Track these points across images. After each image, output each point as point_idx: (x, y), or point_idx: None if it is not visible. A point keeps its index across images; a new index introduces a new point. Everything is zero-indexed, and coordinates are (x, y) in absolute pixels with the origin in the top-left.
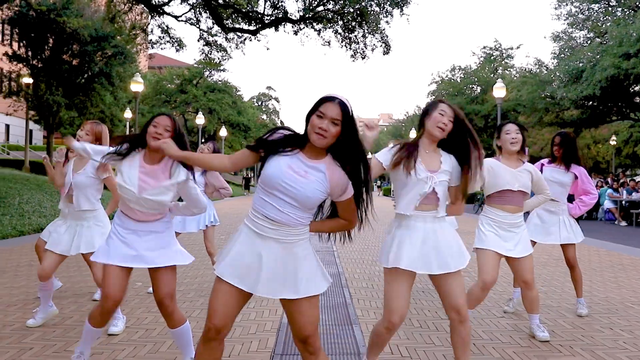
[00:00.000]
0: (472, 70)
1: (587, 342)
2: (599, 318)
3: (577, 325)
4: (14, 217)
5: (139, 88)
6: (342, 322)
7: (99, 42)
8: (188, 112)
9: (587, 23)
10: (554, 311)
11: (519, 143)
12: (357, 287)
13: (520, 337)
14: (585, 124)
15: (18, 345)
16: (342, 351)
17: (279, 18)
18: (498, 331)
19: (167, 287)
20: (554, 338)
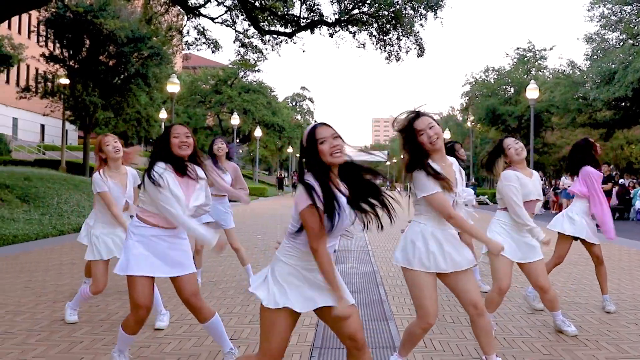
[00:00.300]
0: (505, 71)
1: (612, 337)
2: (625, 315)
3: (604, 321)
4: (53, 216)
5: (175, 89)
6: (378, 317)
7: (136, 43)
8: (223, 112)
9: (619, 25)
10: (582, 308)
11: (524, 149)
12: (391, 285)
13: (548, 332)
14: (618, 124)
15: (69, 339)
16: (378, 345)
17: (314, 21)
18: (527, 326)
19: (192, 287)
20: (581, 333)
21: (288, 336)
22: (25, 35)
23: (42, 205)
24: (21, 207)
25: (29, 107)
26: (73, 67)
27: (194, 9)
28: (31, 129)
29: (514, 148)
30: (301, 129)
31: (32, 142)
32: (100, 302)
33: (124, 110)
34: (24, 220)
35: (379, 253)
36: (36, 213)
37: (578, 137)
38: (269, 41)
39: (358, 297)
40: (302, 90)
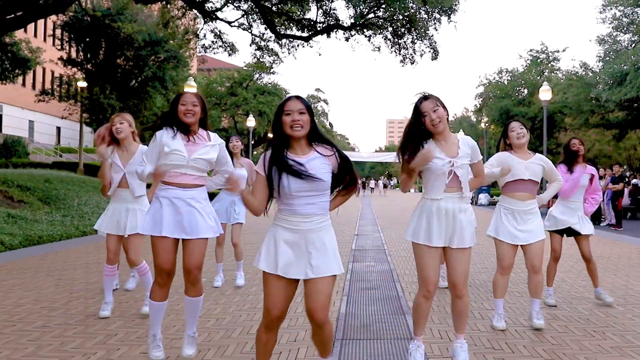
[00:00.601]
0: (518, 72)
1: (618, 329)
2: (632, 308)
3: (611, 315)
4: (74, 218)
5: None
6: (395, 312)
7: (152, 47)
8: (238, 114)
9: (631, 26)
10: (591, 302)
11: (525, 136)
12: (407, 282)
13: (558, 324)
14: (630, 125)
15: (104, 332)
16: (396, 336)
17: (330, 25)
18: None
19: (198, 257)
20: (589, 325)
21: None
22: (40, 38)
23: (63, 207)
24: (43, 209)
25: (45, 109)
26: (91, 70)
27: (211, 13)
28: (47, 131)
29: (516, 132)
30: None
31: (48, 145)
32: (129, 299)
33: (141, 113)
34: (47, 221)
35: (395, 252)
36: (58, 214)
37: (592, 138)
38: (286, 45)
39: (376, 293)
40: (317, 92)
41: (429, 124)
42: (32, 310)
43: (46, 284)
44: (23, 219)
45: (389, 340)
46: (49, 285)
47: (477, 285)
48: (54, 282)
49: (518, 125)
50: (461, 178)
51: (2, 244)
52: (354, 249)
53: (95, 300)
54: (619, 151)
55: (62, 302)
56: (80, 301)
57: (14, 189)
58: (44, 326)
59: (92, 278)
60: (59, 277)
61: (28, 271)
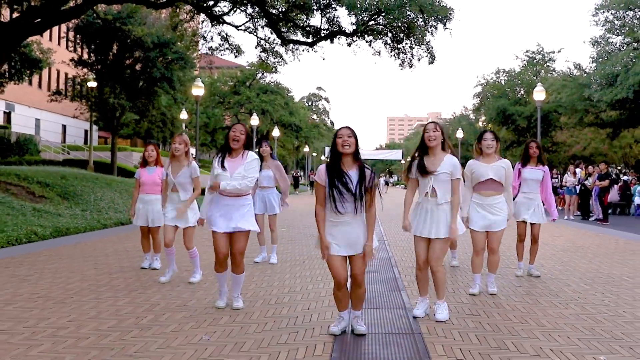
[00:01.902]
0: (515, 73)
1: (580, 301)
2: (596, 287)
3: (577, 291)
4: (93, 212)
5: (200, 92)
6: (392, 289)
7: (161, 49)
8: (241, 112)
9: (623, 29)
10: (563, 282)
11: (493, 147)
12: (403, 267)
13: (529, 298)
14: (623, 124)
15: (149, 302)
16: (393, 306)
17: (334, 31)
18: (514, 294)
19: (242, 245)
20: (556, 298)
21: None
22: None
23: (81, 202)
24: (63, 204)
25: (51, 108)
26: (101, 71)
27: (218, 17)
28: (53, 129)
29: (487, 143)
30: (317, 129)
31: (54, 143)
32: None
33: (150, 112)
34: (69, 215)
35: (394, 243)
36: (77, 209)
37: (587, 136)
38: (290, 49)
39: (375, 276)
40: (318, 91)
41: (426, 138)
42: (82, 287)
43: (86, 267)
44: (48, 212)
45: (386, 309)
46: (89, 268)
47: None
48: (92, 266)
49: (490, 137)
50: (437, 189)
51: (35, 235)
52: None
53: (132, 280)
54: (614, 149)
55: (106, 281)
56: (120, 280)
57: (34, 185)
58: (97, 298)
59: (125, 262)
60: (95, 262)
61: (66, 258)
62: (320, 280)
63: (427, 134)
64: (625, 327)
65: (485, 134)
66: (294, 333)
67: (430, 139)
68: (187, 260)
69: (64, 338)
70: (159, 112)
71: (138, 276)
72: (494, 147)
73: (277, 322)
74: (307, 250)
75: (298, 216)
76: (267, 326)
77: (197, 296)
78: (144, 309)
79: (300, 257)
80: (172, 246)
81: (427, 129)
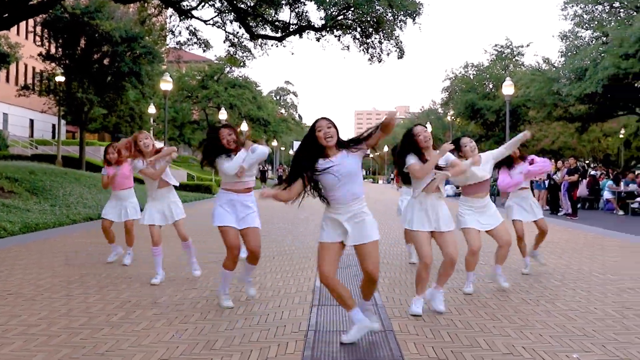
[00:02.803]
0: (484, 67)
1: (551, 298)
2: (567, 283)
3: (548, 287)
4: (62, 207)
5: (168, 87)
6: None
7: (129, 43)
8: (209, 107)
9: (592, 23)
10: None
11: (476, 149)
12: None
13: (500, 294)
14: (592, 118)
15: (120, 299)
16: None
17: (303, 26)
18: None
19: (257, 240)
20: (527, 294)
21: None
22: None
23: (50, 197)
24: (32, 199)
25: (19, 102)
26: (69, 65)
27: (187, 12)
28: (21, 124)
29: (469, 147)
30: (285, 123)
31: (22, 137)
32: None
33: (118, 107)
34: (38, 210)
35: None
36: (46, 204)
37: (556, 130)
38: (259, 43)
39: (350, 272)
40: (286, 85)
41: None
42: (53, 283)
43: (56, 263)
44: (16, 208)
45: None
46: (60, 264)
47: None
48: (62, 262)
49: (467, 140)
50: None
51: (4, 230)
52: None
53: (103, 276)
54: (583, 143)
55: (76, 277)
56: (91, 276)
57: (3, 181)
58: (67, 295)
59: (95, 258)
60: (65, 258)
61: (35, 254)
62: (290, 276)
63: (421, 136)
64: (596, 324)
65: (462, 138)
66: (265, 331)
67: (427, 140)
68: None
69: (35, 336)
70: (127, 106)
71: (108, 272)
72: (476, 148)
73: (248, 320)
74: (277, 246)
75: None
76: (238, 324)
77: (168, 293)
78: (115, 305)
79: (271, 252)
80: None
81: (417, 132)
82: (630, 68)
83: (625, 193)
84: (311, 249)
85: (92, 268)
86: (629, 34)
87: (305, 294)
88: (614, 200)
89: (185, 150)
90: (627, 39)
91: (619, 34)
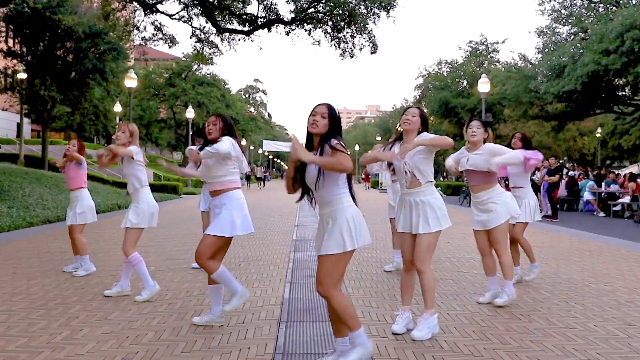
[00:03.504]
0: (458, 64)
1: (544, 312)
2: (558, 294)
3: (538, 300)
4: (20, 209)
5: (132, 84)
6: None
7: (93, 39)
8: (176, 105)
9: (570, 18)
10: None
11: (475, 135)
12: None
13: (487, 309)
14: (569, 117)
15: (66, 315)
16: None
17: (271, 19)
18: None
19: (199, 246)
20: (517, 308)
21: None
22: None
23: (7, 198)
24: None
25: None
26: (31, 62)
27: (151, 6)
28: None
29: (470, 131)
30: (255, 122)
31: None
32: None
33: (82, 105)
34: None
35: None
36: (3, 206)
37: (531, 129)
38: (227, 38)
39: None
40: (256, 83)
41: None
42: None
43: (3, 272)
44: None
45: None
46: (7, 274)
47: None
48: (11, 270)
49: (475, 124)
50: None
51: None
52: (295, 239)
53: (52, 287)
54: (559, 142)
55: (23, 289)
56: (38, 287)
57: None
58: (9, 310)
59: (46, 266)
60: (15, 266)
61: None
62: (257, 286)
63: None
64: (600, 346)
65: (472, 122)
66: (226, 354)
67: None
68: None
69: None
70: (91, 104)
71: (58, 282)
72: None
73: (208, 340)
74: (243, 252)
75: None
76: (196, 345)
77: (121, 307)
78: (60, 323)
79: (236, 259)
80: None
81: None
82: (611, 64)
83: (606, 194)
84: (279, 256)
85: (42, 277)
86: (610, 29)
87: (272, 308)
88: (595, 202)
89: (153, 150)
90: (607, 35)
91: (599, 29)
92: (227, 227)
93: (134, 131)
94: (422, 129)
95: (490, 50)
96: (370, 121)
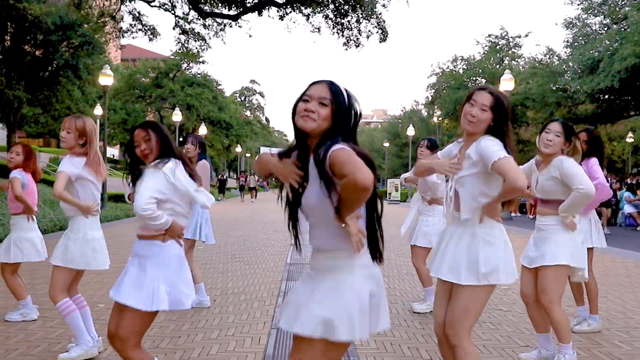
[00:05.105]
0: (475, 61)
1: None
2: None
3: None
4: None
5: (108, 81)
6: None
7: (64, 31)
8: (164, 108)
9: (603, 8)
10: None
11: (552, 146)
12: None
13: None
14: (600, 119)
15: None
16: None
17: (262, 1)
18: None
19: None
20: None
21: None
22: None
23: None
24: None
25: None
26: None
27: None
28: None
29: (545, 138)
30: (250, 127)
31: None
32: None
33: (53, 106)
34: None
35: None
36: None
37: None
38: (212, 26)
39: None
40: (252, 84)
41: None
42: None
43: None
44: None
45: None
46: None
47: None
48: None
49: (555, 129)
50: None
51: None
52: (289, 262)
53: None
54: None
55: None
56: None
57: None
58: None
59: None
60: None
61: None
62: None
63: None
64: None
65: (551, 123)
66: None
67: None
68: None
69: None
70: (64, 105)
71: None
72: (554, 146)
73: None
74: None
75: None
76: None
77: None
78: None
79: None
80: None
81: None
82: None
83: None
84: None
85: None
86: None
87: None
88: (638, 215)
89: None
90: None
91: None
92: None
93: (84, 129)
94: (493, 124)
95: (512, 45)
96: (377, 126)
